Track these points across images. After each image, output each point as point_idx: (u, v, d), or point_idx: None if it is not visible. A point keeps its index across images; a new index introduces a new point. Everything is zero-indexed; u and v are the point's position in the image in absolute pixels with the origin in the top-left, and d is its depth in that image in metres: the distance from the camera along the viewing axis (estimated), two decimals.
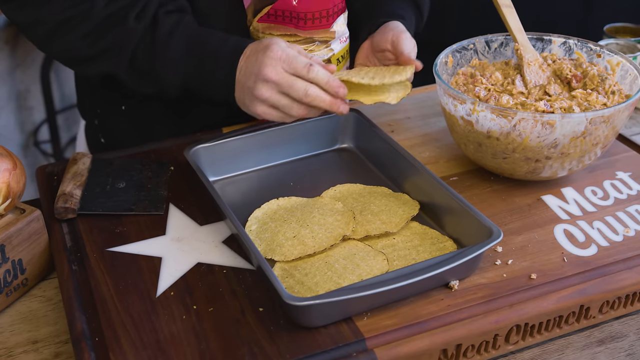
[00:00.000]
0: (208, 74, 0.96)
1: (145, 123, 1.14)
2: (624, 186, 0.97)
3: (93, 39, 0.96)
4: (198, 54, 0.96)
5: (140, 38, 0.96)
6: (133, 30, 0.95)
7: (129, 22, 0.95)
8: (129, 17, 0.95)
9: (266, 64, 0.90)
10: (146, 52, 0.97)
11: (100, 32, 0.96)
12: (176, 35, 0.96)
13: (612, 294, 0.81)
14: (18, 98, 2.53)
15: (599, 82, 0.98)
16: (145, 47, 0.96)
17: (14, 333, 0.82)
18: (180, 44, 0.96)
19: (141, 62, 0.97)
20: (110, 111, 1.17)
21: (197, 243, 0.87)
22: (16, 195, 0.84)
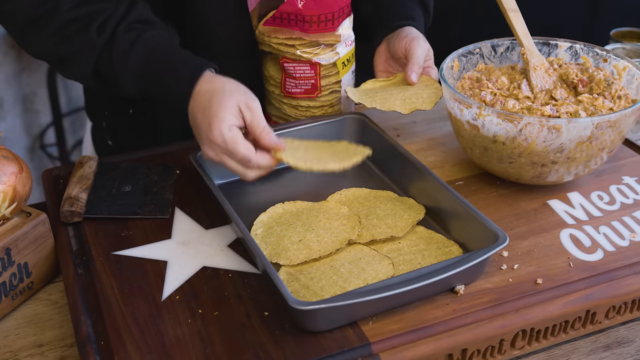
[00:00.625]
0: (165, 90, 0.94)
1: (153, 126, 1.14)
2: (630, 191, 0.96)
3: (60, 39, 0.95)
4: (156, 69, 0.95)
5: (99, 51, 0.95)
6: (93, 42, 0.94)
7: (91, 33, 0.94)
8: (91, 27, 0.94)
9: (203, 142, 0.89)
10: (106, 64, 0.96)
11: (65, 35, 0.95)
12: (134, 50, 0.94)
13: (619, 299, 0.80)
14: (24, 101, 2.54)
15: (605, 86, 0.98)
16: (105, 60, 0.95)
17: (20, 336, 0.82)
18: (137, 61, 0.94)
19: (102, 73, 0.97)
20: (117, 114, 1.17)
21: (203, 247, 0.87)
22: (22, 199, 0.85)
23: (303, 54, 1.03)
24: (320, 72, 1.05)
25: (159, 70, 0.94)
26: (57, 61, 0.99)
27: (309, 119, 1.05)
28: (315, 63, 1.04)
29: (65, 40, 0.95)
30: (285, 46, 1.03)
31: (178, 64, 0.94)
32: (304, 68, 1.04)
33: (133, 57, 0.94)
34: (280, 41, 1.03)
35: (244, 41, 1.05)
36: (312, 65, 1.04)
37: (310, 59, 1.04)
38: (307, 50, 1.03)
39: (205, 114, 0.88)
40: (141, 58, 0.94)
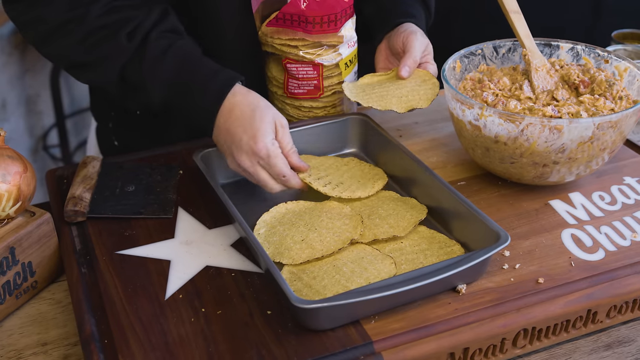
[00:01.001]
0: (193, 100, 0.95)
1: (159, 127, 1.15)
2: (631, 191, 0.97)
3: (88, 45, 0.96)
4: (186, 79, 0.96)
5: (130, 57, 0.95)
6: (124, 48, 0.95)
7: (121, 39, 0.95)
8: (120, 34, 0.95)
9: (244, 151, 0.91)
10: (135, 71, 0.96)
11: (93, 41, 0.96)
12: (166, 59, 0.95)
13: (620, 299, 0.81)
14: (27, 102, 2.55)
15: (606, 87, 0.98)
16: (134, 66, 0.96)
17: (24, 335, 0.82)
18: (169, 70, 0.95)
19: (129, 79, 0.97)
20: (125, 115, 1.18)
21: (206, 246, 0.88)
22: (26, 198, 0.85)
23: (306, 54, 1.04)
24: (323, 72, 1.06)
25: (189, 80, 0.95)
26: (78, 66, 1.00)
27: (312, 120, 1.05)
28: (318, 64, 1.05)
29: (93, 47, 0.96)
30: (288, 47, 1.04)
31: (209, 74, 0.95)
32: (307, 69, 1.05)
33: (165, 65, 0.95)
34: (283, 42, 1.04)
35: (247, 42, 1.06)
36: (314, 66, 1.05)
37: (313, 60, 1.04)
38: (309, 51, 1.04)
39: (247, 125, 0.91)
40: (172, 67, 0.95)
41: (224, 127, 0.93)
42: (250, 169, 0.92)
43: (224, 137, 0.93)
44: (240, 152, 0.92)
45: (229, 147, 0.93)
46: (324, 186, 0.95)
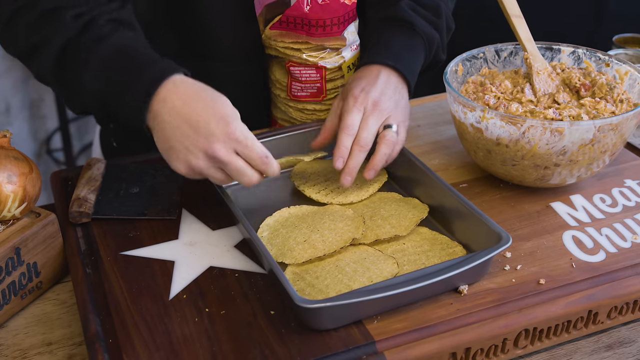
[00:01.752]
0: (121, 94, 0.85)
1: None
2: (632, 194, 0.97)
3: (31, 31, 0.89)
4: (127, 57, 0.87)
5: (72, 33, 0.87)
6: (68, 25, 0.87)
7: (66, 18, 0.87)
8: (67, 14, 0.87)
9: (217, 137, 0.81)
10: (75, 48, 0.87)
11: (38, 24, 0.88)
12: (111, 38, 0.87)
13: (620, 300, 0.81)
14: (31, 106, 2.56)
15: (607, 90, 0.99)
16: (76, 44, 0.87)
17: (29, 335, 0.83)
18: (111, 47, 0.87)
19: (68, 59, 0.87)
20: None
21: (210, 247, 0.89)
22: (32, 199, 0.86)
23: (309, 57, 1.05)
24: (326, 75, 1.06)
25: (128, 65, 0.86)
26: (25, 55, 0.91)
27: (315, 122, 1.06)
28: (321, 67, 1.05)
29: (38, 28, 0.88)
30: (292, 50, 1.05)
31: (149, 60, 0.86)
32: (310, 72, 1.06)
33: (103, 48, 0.86)
34: (286, 45, 1.04)
35: (251, 45, 1.07)
36: (317, 68, 1.06)
37: (316, 63, 1.05)
38: (312, 54, 1.05)
39: (215, 110, 0.82)
40: (110, 51, 0.86)
41: (178, 115, 0.82)
42: (225, 158, 0.81)
43: (179, 127, 0.81)
44: (211, 140, 0.80)
45: (189, 138, 0.81)
46: (317, 192, 0.96)
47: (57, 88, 0.93)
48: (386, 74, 0.97)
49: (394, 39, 1.01)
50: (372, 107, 0.93)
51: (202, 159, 0.82)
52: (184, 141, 0.82)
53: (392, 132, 0.94)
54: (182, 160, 0.83)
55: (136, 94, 0.84)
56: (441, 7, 1.06)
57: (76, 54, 0.87)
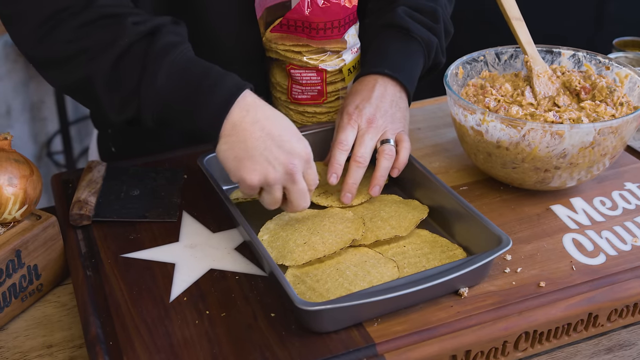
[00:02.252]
0: (201, 95, 0.83)
1: (157, 136, 1.14)
2: (632, 197, 0.97)
3: (82, 33, 0.84)
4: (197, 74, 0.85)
5: (135, 39, 0.84)
6: (129, 30, 0.83)
7: (126, 23, 0.84)
8: (128, 19, 0.84)
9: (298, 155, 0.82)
10: (138, 54, 0.83)
11: (91, 29, 0.84)
12: (177, 49, 0.85)
13: (620, 303, 0.81)
14: (32, 109, 2.56)
15: (607, 93, 0.99)
16: (139, 50, 0.84)
17: (29, 337, 0.83)
18: (181, 57, 0.85)
19: (127, 64, 0.84)
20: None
21: (210, 250, 0.89)
22: (32, 202, 0.86)
23: (309, 60, 1.05)
24: (327, 78, 1.07)
25: (200, 76, 0.84)
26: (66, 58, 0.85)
27: (315, 125, 1.06)
28: (322, 69, 1.05)
29: (90, 32, 0.84)
30: (292, 53, 1.05)
31: (220, 73, 0.85)
32: (310, 74, 1.06)
33: (174, 56, 0.84)
34: (287, 48, 1.05)
35: (252, 48, 1.07)
36: (318, 71, 1.06)
37: (317, 66, 1.05)
38: (313, 57, 1.05)
39: (295, 130, 0.84)
40: (181, 60, 0.84)
41: (262, 128, 0.82)
42: (299, 176, 0.82)
43: (262, 139, 0.81)
44: (293, 156, 0.82)
45: (272, 151, 0.81)
46: (317, 196, 0.97)
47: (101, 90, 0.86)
48: (383, 86, 0.97)
49: (391, 47, 1.02)
50: (367, 125, 0.94)
51: (280, 173, 0.82)
52: (266, 153, 0.82)
53: (389, 146, 0.94)
54: (259, 172, 0.82)
55: (216, 102, 0.82)
56: (438, 11, 1.06)
57: (140, 59, 0.83)
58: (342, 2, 1.01)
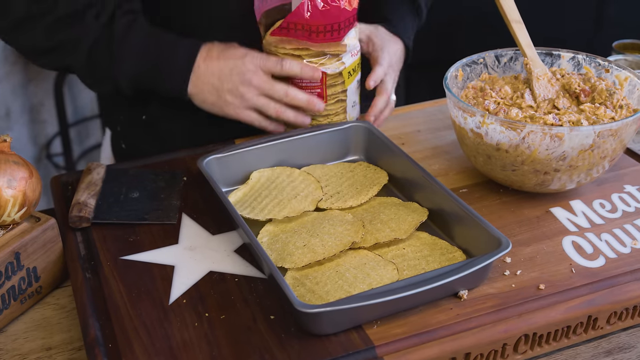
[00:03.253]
0: (166, 61, 1.03)
1: (164, 131, 1.18)
2: (632, 199, 0.97)
3: (55, 30, 1.02)
4: (156, 42, 1.04)
5: (98, 33, 1.02)
6: (92, 26, 1.02)
7: (88, 19, 1.02)
8: (87, 15, 1.02)
9: (247, 69, 1.01)
10: (104, 45, 1.03)
11: (60, 26, 1.02)
12: (133, 30, 1.04)
13: (620, 305, 0.81)
14: (31, 111, 2.56)
15: (607, 96, 0.99)
16: (103, 41, 1.02)
17: (28, 340, 0.83)
18: (138, 37, 1.04)
19: (98, 55, 1.03)
20: (131, 120, 1.20)
21: (210, 252, 0.89)
22: (32, 204, 0.86)
23: (309, 63, 1.05)
24: (327, 81, 1.07)
25: (160, 45, 1.04)
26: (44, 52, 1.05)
27: (315, 127, 1.06)
28: (322, 72, 1.05)
29: (59, 30, 1.02)
30: (292, 56, 1.05)
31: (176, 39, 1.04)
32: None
33: (134, 37, 1.03)
34: (287, 51, 1.05)
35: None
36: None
37: (317, 69, 1.05)
38: (313, 60, 1.05)
39: (239, 51, 1.03)
40: (140, 38, 1.04)
41: (212, 62, 1.01)
42: (265, 85, 1.01)
43: (215, 71, 1.01)
44: (246, 73, 1.01)
45: (227, 76, 1.01)
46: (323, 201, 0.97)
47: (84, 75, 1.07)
48: (402, 51, 1.18)
49: (407, 18, 1.21)
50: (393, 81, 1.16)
51: (240, 97, 1.03)
52: (224, 79, 1.02)
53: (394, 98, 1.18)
54: (237, 96, 1.03)
55: (178, 65, 1.03)
56: None
57: (109, 47, 1.03)
58: (342, 5, 1.01)
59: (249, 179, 1.00)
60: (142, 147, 1.16)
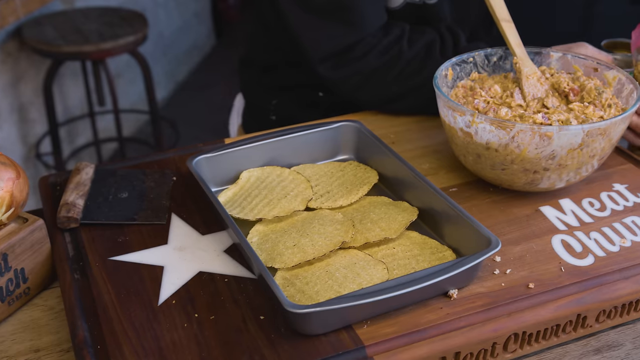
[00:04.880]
0: None
1: (314, 104, 1.35)
2: (620, 198, 0.98)
3: (405, 76, 1.16)
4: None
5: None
6: (439, 61, 1.13)
7: (436, 57, 1.16)
8: (435, 53, 1.17)
9: None
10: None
11: (409, 71, 1.16)
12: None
13: (609, 303, 0.81)
14: (20, 110, 2.55)
15: (595, 95, 0.99)
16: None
17: (16, 342, 0.82)
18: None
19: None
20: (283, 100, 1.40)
21: (199, 252, 0.88)
22: (19, 205, 0.85)
23: None
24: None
25: None
26: (393, 99, 1.19)
27: (304, 127, 1.05)
28: None
29: (411, 75, 1.17)
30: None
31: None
32: None
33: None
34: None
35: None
36: None
37: None
38: None
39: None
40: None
41: None
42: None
43: None
44: None
45: None
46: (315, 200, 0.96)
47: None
48: None
49: None
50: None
51: None
52: None
53: None
54: None
55: None
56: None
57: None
58: None
59: (239, 178, 0.99)
60: (300, 116, 1.28)
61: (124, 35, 2.44)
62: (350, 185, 0.98)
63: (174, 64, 3.73)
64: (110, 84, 2.55)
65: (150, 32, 2.71)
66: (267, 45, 1.39)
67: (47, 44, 2.34)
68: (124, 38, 2.43)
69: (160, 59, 3.54)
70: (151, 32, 3.19)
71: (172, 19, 3.69)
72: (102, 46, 2.38)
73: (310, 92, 1.34)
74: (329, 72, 1.19)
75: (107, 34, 2.45)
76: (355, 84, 1.19)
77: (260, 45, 1.41)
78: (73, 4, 2.78)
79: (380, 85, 1.18)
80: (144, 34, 2.51)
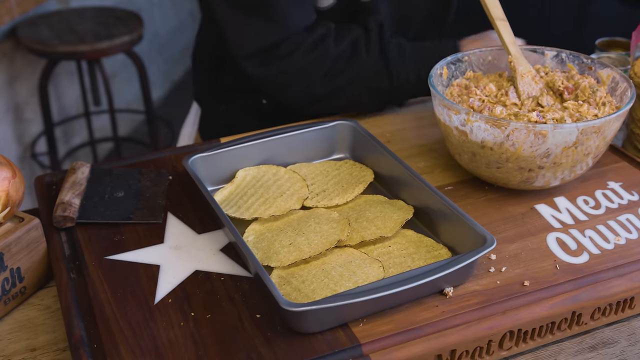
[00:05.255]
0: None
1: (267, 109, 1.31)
2: (615, 196, 0.98)
3: (332, 75, 1.14)
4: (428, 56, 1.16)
5: (380, 67, 1.15)
6: (367, 63, 1.14)
7: (362, 55, 1.14)
8: (361, 51, 1.14)
9: None
10: (386, 77, 1.15)
11: (337, 68, 1.14)
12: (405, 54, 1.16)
13: (604, 301, 0.82)
14: (16, 110, 2.54)
15: (590, 94, 1.00)
16: (384, 74, 1.15)
17: (12, 341, 0.82)
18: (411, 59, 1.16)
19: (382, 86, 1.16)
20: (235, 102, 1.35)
21: (195, 251, 0.88)
22: (15, 204, 0.85)
23: None
24: None
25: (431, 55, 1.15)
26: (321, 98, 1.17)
27: (300, 126, 1.06)
28: None
29: (338, 74, 1.14)
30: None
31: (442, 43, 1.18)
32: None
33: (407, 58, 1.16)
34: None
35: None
36: None
37: None
38: None
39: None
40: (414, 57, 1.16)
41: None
42: None
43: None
44: None
45: None
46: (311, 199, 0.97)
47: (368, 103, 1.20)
48: None
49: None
50: None
51: None
52: None
53: None
54: None
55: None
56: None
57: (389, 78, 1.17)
58: None
59: (235, 177, 1.00)
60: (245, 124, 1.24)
61: (120, 35, 2.44)
62: (346, 184, 0.98)
63: (170, 63, 3.73)
64: (106, 83, 2.55)
65: (145, 31, 2.70)
66: (209, 43, 1.34)
67: (43, 43, 2.34)
68: (119, 38, 2.43)
69: (156, 58, 3.54)
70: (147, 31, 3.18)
71: (167, 19, 3.69)
72: (97, 46, 2.38)
73: (254, 98, 1.30)
74: (254, 70, 1.16)
75: (103, 33, 2.44)
76: (282, 83, 1.16)
77: (205, 44, 1.35)
78: (68, 4, 2.77)
79: (306, 84, 1.15)
80: (139, 33, 2.51)
